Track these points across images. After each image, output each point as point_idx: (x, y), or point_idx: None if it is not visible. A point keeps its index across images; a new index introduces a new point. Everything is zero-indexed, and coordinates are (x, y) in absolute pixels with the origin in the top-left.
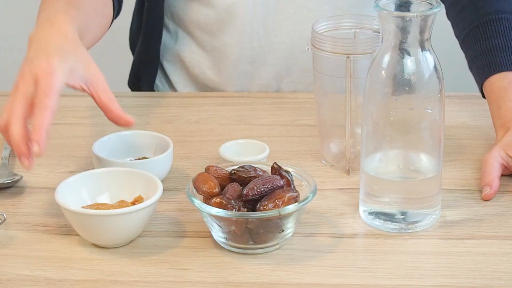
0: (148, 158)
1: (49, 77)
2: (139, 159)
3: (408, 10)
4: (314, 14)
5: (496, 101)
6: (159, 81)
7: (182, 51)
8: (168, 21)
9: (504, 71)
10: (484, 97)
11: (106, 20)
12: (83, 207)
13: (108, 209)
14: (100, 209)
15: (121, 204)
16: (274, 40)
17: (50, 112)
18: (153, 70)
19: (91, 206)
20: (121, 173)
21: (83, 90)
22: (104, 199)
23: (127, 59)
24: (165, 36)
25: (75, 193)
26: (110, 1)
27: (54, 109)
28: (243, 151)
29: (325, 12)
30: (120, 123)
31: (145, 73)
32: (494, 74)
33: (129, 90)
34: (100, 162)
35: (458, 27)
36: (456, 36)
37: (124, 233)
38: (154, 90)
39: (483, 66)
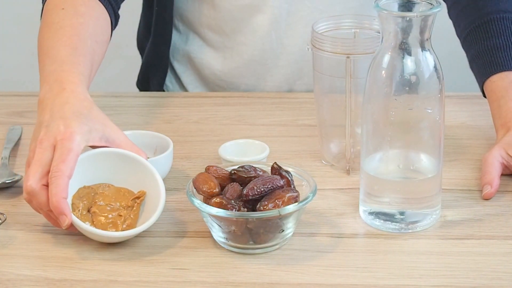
0: (148, 158)
1: (67, 142)
2: None
3: (408, 10)
4: (325, 15)
5: (497, 101)
6: (169, 82)
7: (193, 52)
8: (178, 23)
9: (505, 70)
10: (485, 96)
11: (107, 44)
12: (84, 187)
13: (109, 197)
14: (99, 193)
15: (124, 193)
16: (286, 42)
17: (65, 179)
18: (163, 72)
19: (91, 188)
20: (131, 159)
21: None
22: (105, 177)
23: (134, 58)
24: (175, 37)
25: (78, 170)
26: (109, 25)
27: (70, 174)
28: (243, 151)
29: (336, 13)
30: None
31: (154, 75)
32: (495, 73)
33: (137, 90)
34: None
35: (460, 26)
36: (458, 35)
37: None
38: (164, 91)
39: (484, 66)
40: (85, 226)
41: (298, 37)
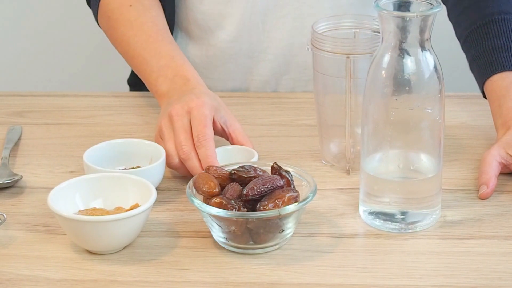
0: (141, 167)
1: (201, 109)
2: (132, 168)
3: (408, 10)
4: (314, 10)
5: (498, 100)
6: None
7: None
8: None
9: (506, 70)
10: (485, 97)
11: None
12: (79, 211)
13: (104, 215)
14: (95, 214)
15: (118, 211)
16: (273, 36)
17: (212, 141)
18: None
19: (87, 211)
20: (115, 179)
21: (221, 129)
22: (97, 204)
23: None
24: None
25: (69, 199)
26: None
27: (213, 137)
28: (231, 158)
29: (325, 9)
30: None
31: None
32: (495, 73)
33: (128, 88)
34: (91, 171)
35: (460, 27)
36: (458, 37)
37: (117, 239)
38: None
39: (484, 66)
40: (85, 218)
41: (286, 31)
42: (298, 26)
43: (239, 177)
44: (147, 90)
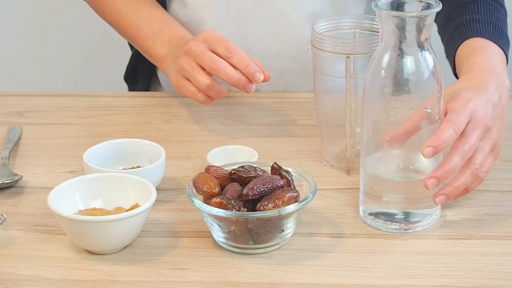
0: (141, 167)
1: (215, 33)
2: (133, 168)
3: (407, 10)
4: (289, 18)
5: (466, 56)
6: (151, 81)
7: None
8: None
9: (480, 36)
10: (455, 73)
11: None
12: (79, 211)
13: (104, 215)
14: (95, 214)
15: (118, 211)
16: (250, 43)
17: (241, 51)
18: (150, 67)
19: (87, 211)
20: (115, 179)
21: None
22: (97, 204)
23: (124, 59)
24: None
25: (69, 199)
26: None
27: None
28: (231, 157)
29: (301, 17)
30: (254, 78)
31: (142, 69)
32: (469, 38)
33: (126, 87)
34: (91, 171)
35: (440, 14)
36: (438, 25)
37: (117, 239)
38: (150, 85)
39: (459, 35)
40: (85, 218)
41: (262, 37)
42: (274, 33)
43: (239, 177)
44: (145, 90)
